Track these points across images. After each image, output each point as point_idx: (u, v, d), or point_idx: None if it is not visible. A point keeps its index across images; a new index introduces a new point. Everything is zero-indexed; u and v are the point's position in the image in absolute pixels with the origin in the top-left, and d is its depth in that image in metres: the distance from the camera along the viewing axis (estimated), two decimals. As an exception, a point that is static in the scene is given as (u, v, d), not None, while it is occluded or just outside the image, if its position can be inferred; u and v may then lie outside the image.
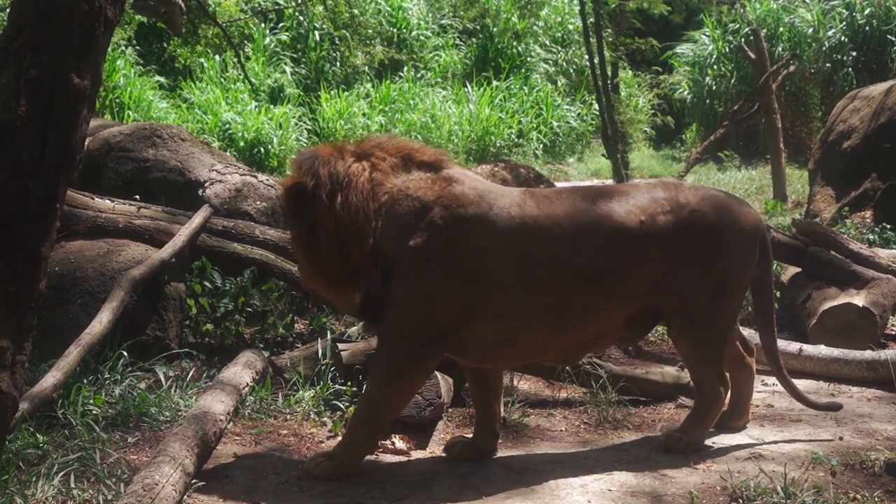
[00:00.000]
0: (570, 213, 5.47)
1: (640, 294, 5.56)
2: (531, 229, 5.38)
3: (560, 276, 5.40)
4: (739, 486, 4.95)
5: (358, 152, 5.57)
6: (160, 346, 7.14)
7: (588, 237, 5.44)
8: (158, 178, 9.31)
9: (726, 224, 5.67)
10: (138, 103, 21.59)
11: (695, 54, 25.65)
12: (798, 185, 17.54)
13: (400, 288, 5.31)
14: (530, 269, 5.37)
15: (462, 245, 5.33)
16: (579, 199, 5.57)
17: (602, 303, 5.52)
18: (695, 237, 5.57)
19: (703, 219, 5.61)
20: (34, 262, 4.25)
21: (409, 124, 22.63)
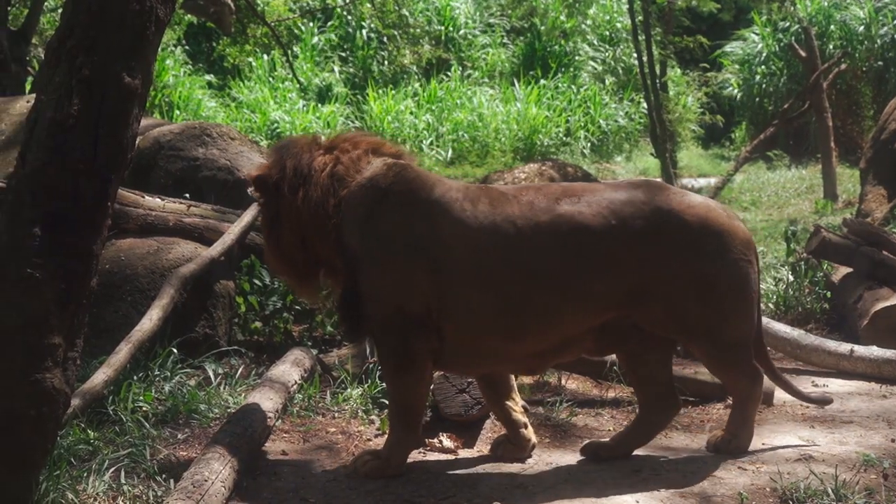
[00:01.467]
0: (527, 211, 5.27)
1: (611, 302, 5.28)
2: (482, 224, 5.24)
3: (513, 276, 5.23)
4: (789, 488, 4.91)
5: (327, 146, 5.59)
6: (209, 343, 7.17)
7: (545, 237, 5.22)
8: (208, 177, 9.35)
9: (713, 231, 5.34)
10: (187, 102, 21.74)
11: (744, 52, 25.47)
12: (849, 185, 17.38)
13: (368, 280, 5.31)
14: (483, 267, 5.24)
15: (418, 230, 5.29)
16: (541, 197, 5.34)
17: (560, 308, 5.25)
18: (677, 244, 5.28)
19: (685, 224, 5.30)
20: (86, 260, 4.29)
21: (457, 123, 22.63)
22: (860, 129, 22.28)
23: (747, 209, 16.37)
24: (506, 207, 5.29)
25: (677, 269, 5.28)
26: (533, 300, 5.23)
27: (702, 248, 5.31)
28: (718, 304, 5.36)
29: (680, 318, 5.36)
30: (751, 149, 17.52)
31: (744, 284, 5.43)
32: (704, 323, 5.37)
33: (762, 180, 19.21)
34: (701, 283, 5.31)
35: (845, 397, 6.67)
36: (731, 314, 5.42)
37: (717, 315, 5.38)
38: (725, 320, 5.41)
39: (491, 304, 5.24)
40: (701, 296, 5.32)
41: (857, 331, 7.80)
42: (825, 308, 8.63)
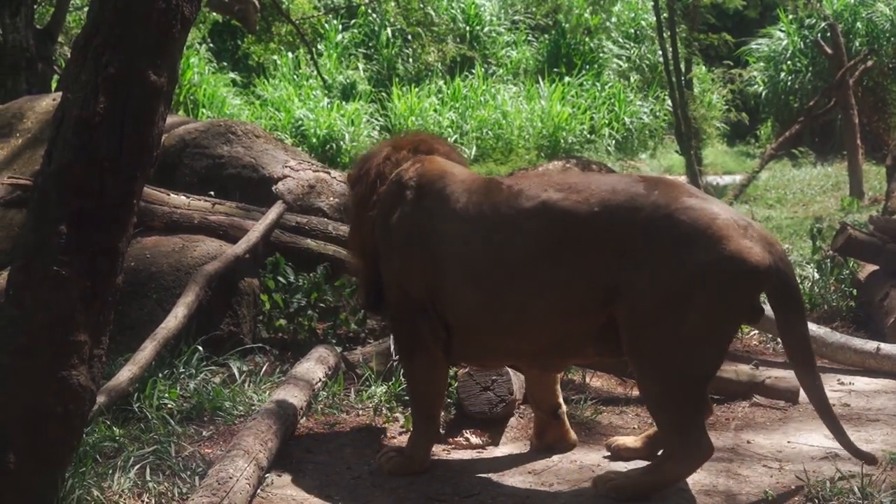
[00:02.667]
0: (512, 199, 5.12)
1: (592, 300, 4.90)
2: (469, 214, 5.22)
3: (493, 267, 5.12)
4: (815, 486, 4.89)
5: (394, 144, 5.84)
6: (234, 340, 7.19)
7: (525, 225, 5.03)
8: (233, 175, 9.37)
9: (707, 244, 4.68)
10: (212, 100, 21.81)
11: (770, 49, 25.35)
12: (875, 182, 17.27)
13: (385, 266, 5.50)
14: (468, 258, 5.20)
15: (419, 223, 5.37)
16: (535, 184, 5.15)
17: (539, 302, 5.02)
18: (659, 247, 4.77)
19: (675, 227, 4.77)
20: (111, 258, 4.31)
21: (481, 121, 22.61)
22: (886, 126, 22.15)
23: (772, 206, 16.29)
24: (495, 196, 5.21)
25: (651, 274, 4.76)
26: (511, 292, 5.08)
27: (685, 259, 4.71)
28: (682, 329, 4.72)
29: (634, 332, 4.84)
30: (776, 146, 17.44)
31: (721, 320, 4.78)
32: (657, 345, 4.79)
33: (787, 177, 19.12)
34: (670, 297, 4.73)
35: (871, 395, 6.65)
36: (693, 345, 4.75)
37: (674, 341, 4.74)
38: (683, 348, 4.75)
39: (476, 295, 5.18)
40: (665, 313, 4.74)
41: (883, 328, 7.76)
42: (851, 306, 8.59)
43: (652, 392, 4.96)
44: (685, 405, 4.80)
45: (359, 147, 20.98)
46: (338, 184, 9.34)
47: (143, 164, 4.33)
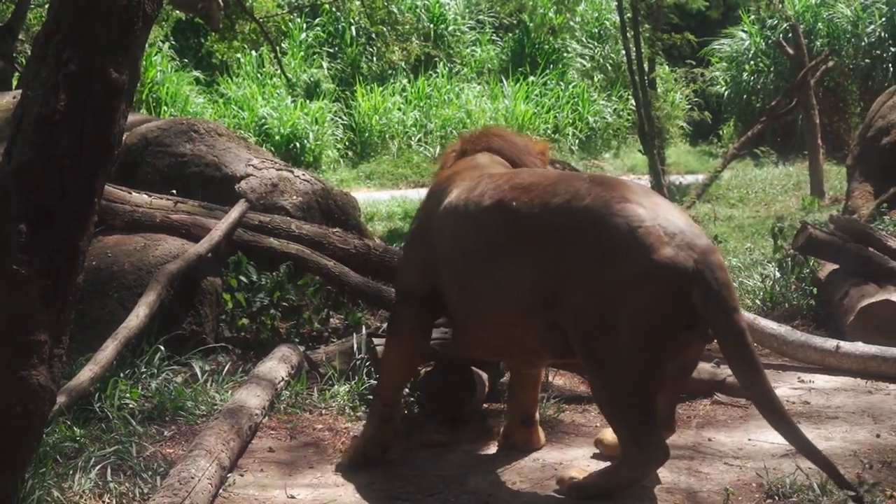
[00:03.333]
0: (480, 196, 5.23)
1: (536, 301, 4.89)
2: (451, 209, 5.38)
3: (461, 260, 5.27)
4: (775, 483, 4.93)
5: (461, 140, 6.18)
6: (196, 340, 7.16)
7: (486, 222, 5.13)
8: (195, 173, 9.34)
9: (633, 251, 4.63)
10: (175, 98, 21.73)
11: (732, 50, 25.51)
12: (836, 182, 17.41)
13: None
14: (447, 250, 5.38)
15: (426, 216, 5.66)
16: (503, 181, 5.22)
17: (492, 298, 5.09)
18: (593, 251, 4.73)
19: (601, 234, 4.73)
20: (72, 256, 4.28)
21: (445, 120, 22.64)
22: (847, 126, 22.32)
23: (735, 206, 16.39)
24: (474, 192, 5.30)
25: (582, 281, 4.74)
26: (475, 287, 5.18)
27: (622, 269, 4.65)
28: (616, 335, 4.67)
29: (578, 338, 4.83)
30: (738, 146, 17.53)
31: (651, 328, 4.66)
32: (601, 350, 4.75)
33: (750, 177, 19.24)
34: (602, 306, 4.69)
35: (831, 393, 6.70)
36: (627, 352, 4.68)
37: (612, 349, 4.70)
38: (620, 355, 4.70)
39: (455, 288, 5.32)
40: (604, 318, 4.69)
41: (843, 327, 7.82)
42: (812, 304, 8.65)
43: (600, 398, 4.98)
44: (633, 412, 4.74)
45: (322, 146, 20.97)
46: (301, 182, 9.33)
47: (104, 162, 4.30)
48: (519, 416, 5.71)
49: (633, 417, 4.75)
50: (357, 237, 8.48)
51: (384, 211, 16.39)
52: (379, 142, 22.40)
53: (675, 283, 4.58)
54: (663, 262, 4.58)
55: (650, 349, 4.67)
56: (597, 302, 4.69)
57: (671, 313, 4.64)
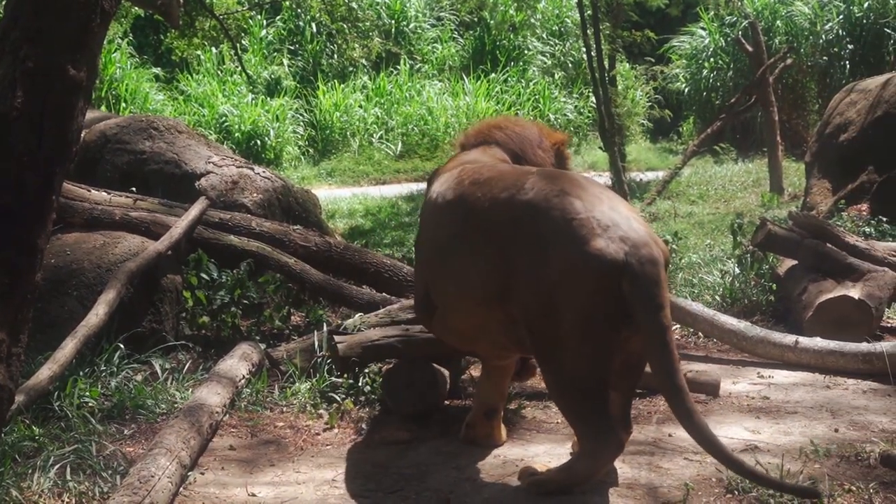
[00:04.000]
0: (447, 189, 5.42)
1: (490, 294, 4.97)
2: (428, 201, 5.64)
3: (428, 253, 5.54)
4: (735, 478, 4.95)
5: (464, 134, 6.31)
6: (156, 338, 7.14)
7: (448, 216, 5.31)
8: (155, 171, 9.31)
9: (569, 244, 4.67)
10: (134, 95, 21.63)
11: (692, 47, 25.63)
12: (795, 178, 17.52)
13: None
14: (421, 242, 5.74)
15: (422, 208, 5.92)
16: (467, 175, 5.34)
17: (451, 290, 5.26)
18: (534, 245, 4.78)
19: (537, 227, 4.79)
20: (30, 254, 4.24)
21: (406, 117, 22.65)
22: (805, 123, 22.50)
23: (695, 202, 16.46)
24: (443, 186, 5.47)
25: (525, 274, 4.79)
26: (441, 276, 5.34)
27: (556, 261, 4.70)
28: (558, 327, 4.71)
29: (527, 331, 4.88)
30: (698, 143, 17.63)
31: (588, 319, 4.66)
32: (546, 344, 4.81)
33: (709, 174, 19.32)
34: (547, 296, 4.72)
35: (790, 388, 6.74)
36: (569, 344, 4.70)
37: (555, 341, 4.75)
38: (563, 347, 4.73)
39: (429, 275, 5.48)
40: (546, 311, 4.73)
41: (801, 322, 7.87)
42: (771, 300, 8.70)
43: (553, 391, 5.08)
44: (585, 405, 4.77)
45: (283, 143, 20.92)
46: (261, 180, 9.30)
47: (62, 160, 4.27)
48: (483, 408, 5.72)
49: (585, 410, 4.78)
50: (318, 234, 8.47)
51: (345, 208, 16.35)
52: (340, 139, 22.38)
53: (605, 274, 4.59)
54: (593, 253, 4.61)
55: (591, 341, 4.68)
56: (538, 294, 4.74)
57: (605, 305, 4.63)
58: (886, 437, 5.63)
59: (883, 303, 7.82)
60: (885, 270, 8.11)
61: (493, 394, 5.71)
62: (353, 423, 6.13)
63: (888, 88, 12.61)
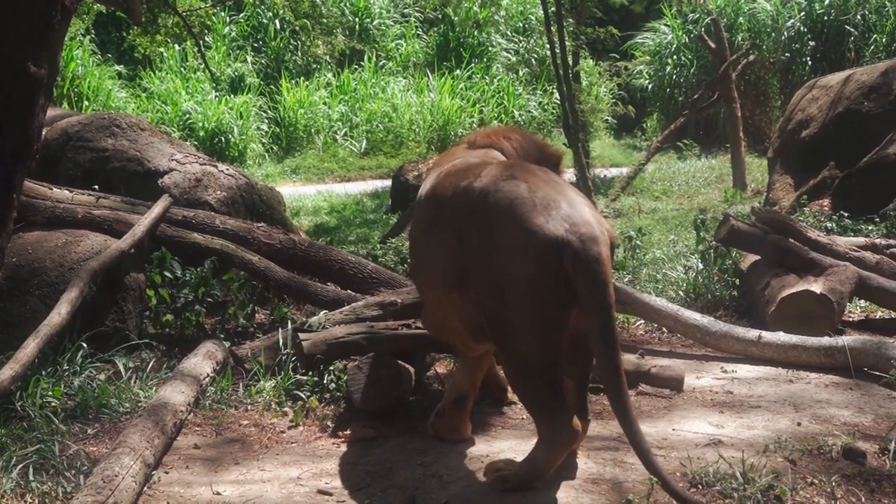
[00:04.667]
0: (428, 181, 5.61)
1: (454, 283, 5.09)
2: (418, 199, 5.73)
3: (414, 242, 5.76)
4: (699, 472, 4.97)
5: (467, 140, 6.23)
6: (120, 337, 7.10)
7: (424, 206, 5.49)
8: (117, 168, 9.26)
9: (512, 224, 4.76)
10: (97, 93, 21.51)
11: (655, 44, 25.73)
12: (757, 174, 17.63)
13: None
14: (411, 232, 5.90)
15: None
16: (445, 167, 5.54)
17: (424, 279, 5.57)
18: (484, 230, 4.87)
19: (490, 210, 4.86)
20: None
21: (371, 114, 22.63)
22: (768, 119, 22.63)
23: (659, 198, 16.54)
24: (426, 179, 5.65)
25: (477, 258, 4.90)
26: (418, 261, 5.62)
27: (500, 241, 4.79)
28: (506, 308, 4.79)
29: (482, 313, 4.97)
30: (662, 139, 17.71)
31: (532, 298, 4.73)
32: (499, 328, 4.89)
33: (673, 170, 19.42)
34: (495, 278, 4.81)
35: (753, 382, 6.78)
36: (518, 325, 4.79)
37: (505, 324, 4.84)
38: (514, 329, 4.82)
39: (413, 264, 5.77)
40: (495, 293, 4.82)
41: (764, 317, 7.92)
42: (734, 295, 8.75)
43: (508, 377, 5.26)
44: (537, 389, 4.84)
45: (247, 141, 20.85)
46: (225, 177, 9.27)
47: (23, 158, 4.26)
48: (454, 394, 5.73)
49: (539, 395, 4.85)
50: (282, 232, 8.45)
51: (310, 206, 16.33)
52: (304, 136, 22.35)
53: (545, 250, 4.66)
54: (532, 230, 4.68)
55: (538, 321, 4.75)
56: (487, 276, 4.84)
57: (549, 283, 4.69)
58: (848, 430, 5.68)
59: (844, 297, 7.88)
60: (847, 265, 8.18)
61: (465, 383, 5.71)
62: (318, 421, 6.12)
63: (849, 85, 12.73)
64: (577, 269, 4.64)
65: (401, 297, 7.24)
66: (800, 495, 4.76)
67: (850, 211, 10.97)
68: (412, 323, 6.67)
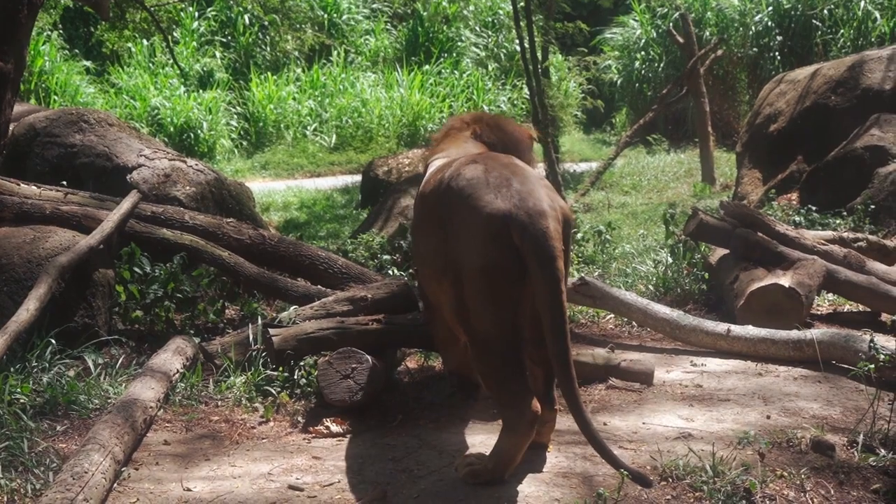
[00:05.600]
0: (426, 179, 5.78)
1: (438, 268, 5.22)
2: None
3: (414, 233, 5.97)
4: (669, 466, 5.00)
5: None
6: (89, 333, 7.06)
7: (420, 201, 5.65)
8: (86, 164, 9.21)
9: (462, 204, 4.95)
10: (65, 88, 21.39)
11: (624, 38, 25.82)
12: (726, 168, 17.73)
13: None
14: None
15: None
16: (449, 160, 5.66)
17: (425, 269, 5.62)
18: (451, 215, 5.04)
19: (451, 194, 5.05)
20: (-42, 249, 4.19)
21: (340, 109, 22.60)
22: (736, 113, 22.76)
23: (628, 193, 16.60)
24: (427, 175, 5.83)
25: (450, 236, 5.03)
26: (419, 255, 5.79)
27: (456, 222, 4.97)
28: (465, 288, 4.93)
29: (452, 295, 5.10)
30: (631, 133, 17.78)
31: (486, 274, 4.85)
32: (459, 305, 5.04)
33: (642, 164, 19.49)
34: (454, 256, 4.98)
35: (722, 376, 6.81)
36: (472, 302, 4.93)
37: (466, 300, 4.97)
38: (469, 308, 4.96)
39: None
40: (456, 272, 4.98)
41: (733, 311, 7.96)
42: (703, 289, 8.80)
43: (473, 363, 5.31)
44: (495, 371, 4.94)
45: (216, 136, 20.78)
46: (194, 172, 9.24)
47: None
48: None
49: (499, 377, 4.94)
50: (252, 227, 8.43)
51: (280, 201, 16.29)
52: (274, 131, 22.31)
53: (492, 225, 4.79)
54: (480, 206, 4.85)
55: (492, 298, 4.86)
56: (453, 255, 4.99)
57: (499, 257, 4.80)
58: (817, 423, 5.71)
59: (813, 290, 7.93)
60: (815, 259, 8.23)
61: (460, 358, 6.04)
62: (289, 416, 6.11)
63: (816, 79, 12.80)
64: (525, 242, 4.75)
65: (371, 292, 7.24)
66: (769, 488, 4.79)
67: (817, 205, 11.04)
68: (382, 318, 6.68)
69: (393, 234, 10.31)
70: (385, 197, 12.81)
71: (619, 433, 5.69)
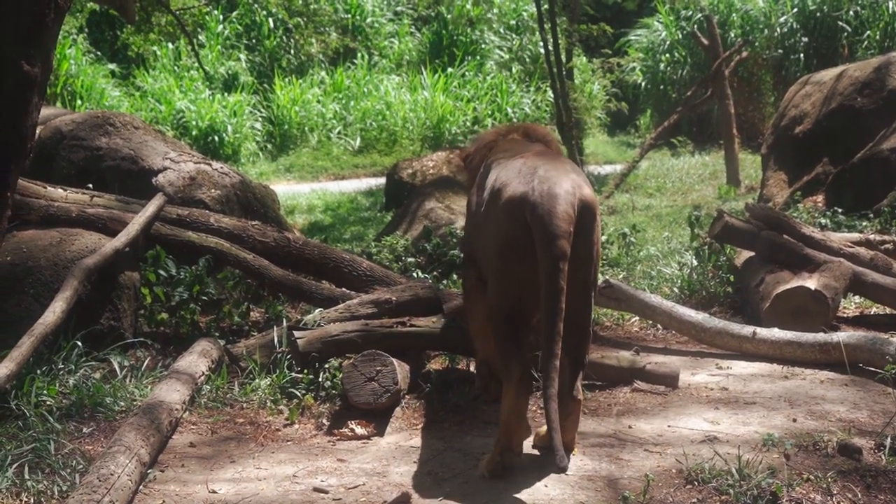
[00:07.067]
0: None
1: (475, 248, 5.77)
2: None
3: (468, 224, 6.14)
4: (694, 469, 4.98)
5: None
6: (114, 335, 7.09)
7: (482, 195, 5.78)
8: (111, 167, 9.25)
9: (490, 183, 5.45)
10: (90, 91, 21.48)
11: (648, 40, 25.76)
12: (751, 170, 17.66)
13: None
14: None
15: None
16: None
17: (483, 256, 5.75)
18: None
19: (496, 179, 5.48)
20: (-15, 252, 4.22)
21: (364, 112, 22.62)
22: (761, 115, 22.66)
23: (652, 195, 16.55)
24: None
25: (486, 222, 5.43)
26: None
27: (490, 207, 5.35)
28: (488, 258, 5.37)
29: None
30: (655, 136, 17.72)
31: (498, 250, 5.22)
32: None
33: (667, 167, 19.43)
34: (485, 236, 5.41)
35: (748, 379, 6.78)
36: (490, 275, 5.38)
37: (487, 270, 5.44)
38: (488, 282, 5.43)
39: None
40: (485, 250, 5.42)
41: (759, 313, 7.93)
42: (728, 291, 8.76)
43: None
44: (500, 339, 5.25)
45: (241, 139, 20.85)
46: (219, 175, 9.26)
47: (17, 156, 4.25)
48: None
49: (500, 345, 5.26)
50: (276, 230, 8.44)
51: (304, 204, 16.32)
52: (298, 134, 22.35)
53: (511, 205, 5.12)
54: (505, 189, 5.21)
55: (498, 270, 5.24)
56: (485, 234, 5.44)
57: (510, 235, 5.13)
58: (844, 426, 5.68)
59: (839, 293, 7.89)
60: (841, 261, 8.19)
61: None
62: (314, 419, 6.12)
63: (842, 80, 12.74)
64: (533, 221, 5.03)
65: (395, 294, 7.24)
66: (796, 491, 4.76)
67: (843, 207, 10.98)
68: (407, 321, 6.68)
69: (417, 237, 10.31)
70: (409, 199, 12.80)
71: (645, 436, 5.67)
